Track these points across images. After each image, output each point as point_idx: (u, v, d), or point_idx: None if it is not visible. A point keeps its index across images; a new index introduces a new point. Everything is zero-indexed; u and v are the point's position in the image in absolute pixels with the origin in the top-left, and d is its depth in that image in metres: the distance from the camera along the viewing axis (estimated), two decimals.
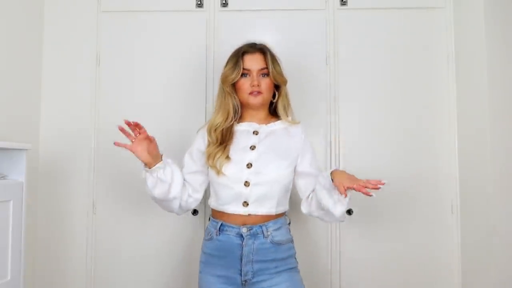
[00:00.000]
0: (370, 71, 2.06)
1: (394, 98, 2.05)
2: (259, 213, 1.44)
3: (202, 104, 2.04)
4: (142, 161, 1.45)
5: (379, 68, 2.06)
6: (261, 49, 1.52)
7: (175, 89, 2.08)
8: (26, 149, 1.63)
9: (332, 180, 1.36)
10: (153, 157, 1.46)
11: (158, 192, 1.46)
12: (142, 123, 2.04)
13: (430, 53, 2.06)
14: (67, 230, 2.05)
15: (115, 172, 2.05)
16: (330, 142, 2.04)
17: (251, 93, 1.48)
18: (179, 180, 1.48)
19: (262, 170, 1.44)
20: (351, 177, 1.33)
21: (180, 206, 1.52)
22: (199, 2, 2.10)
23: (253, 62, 1.49)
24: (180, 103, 2.07)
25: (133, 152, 1.44)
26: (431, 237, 2.00)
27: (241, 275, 1.42)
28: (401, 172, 2.02)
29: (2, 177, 1.60)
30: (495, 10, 1.87)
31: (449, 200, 2.01)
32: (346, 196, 1.31)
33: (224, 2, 2.09)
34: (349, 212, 2.00)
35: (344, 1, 2.08)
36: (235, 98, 1.51)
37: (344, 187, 1.28)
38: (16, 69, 1.90)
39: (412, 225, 2.00)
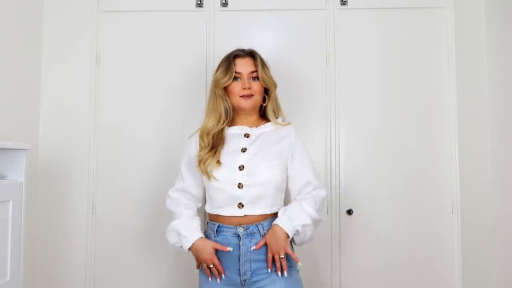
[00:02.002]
0: (370, 71, 2.06)
1: (394, 98, 2.05)
2: (255, 214, 1.45)
3: (202, 103, 2.02)
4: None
5: (379, 68, 2.06)
6: (251, 53, 1.56)
7: (175, 88, 2.08)
8: (26, 149, 1.63)
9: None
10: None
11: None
12: (142, 122, 2.06)
13: (430, 53, 2.06)
14: (67, 230, 2.05)
15: (115, 172, 2.05)
16: (330, 142, 2.04)
17: (242, 96, 1.50)
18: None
19: (254, 172, 1.45)
20: (276, 244, 1.41)
21: None
22: (199, 2, 2.10)
23: (243, 65, 1.52)
24: (180, 102, 2.07)
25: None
26: (431, 237, 2.00)
27: (240, 275, 1.43)
28: (401, 171, 2.02)
29: (2, 177, 1.59)
30: (496, 10, 1.87)
31: (449, 200, 2.01)
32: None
33: (224, 2, 2.09)
34: (349, 212, 2.00)
35: (344, 1, 2.08)
36: (227, 101, 1.53)
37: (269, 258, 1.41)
38: (16, 69, 1.90)
39: (412, 225, 2.00)
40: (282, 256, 1.40)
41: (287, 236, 1.41)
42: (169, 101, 2.07)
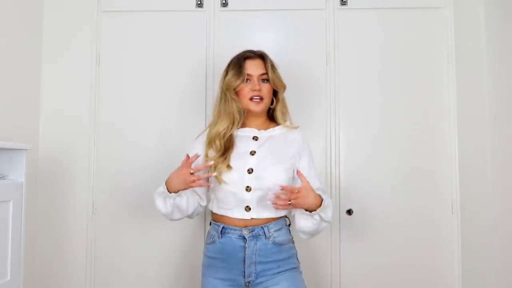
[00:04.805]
0: (370, 71, 2.06)
1: (394, 98, 2.05)
2: (261, 217, 1.45)
3: (202, 102, 2.04)
4: (178, 190, 1.43)
5: (379, 68, 2.06)
6: (261, 55, 1.55)
7: (175, 88, 2.08)
8: (26, 149, 1.63)
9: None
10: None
11: (176, 216, 1.49)
12: (142, 122, 2.06)
13: (430, 53, 2.06)
14: (67, 230, 2.05)
15: (115, 172, 2.05)
16: (330, 142, 2.04)
17: (251, 99, 1.49)
18: (193, 204, 1.51)
19: (262, 175, 1.45)
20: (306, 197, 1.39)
21: (189, 216, 1.55)
22: (199, 2, 2.10)
23: (253, 67, 1.51)
24: (180, 102, 2.07)
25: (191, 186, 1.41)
26: (431, 237, 2.00)
27: (244, 276, 1.43)
28: (401, 171, 2.02)
29: (2, 177, 1.59)
30: (495, 10, 1.87)
31: (449, 200, 2.01)
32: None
33: (224, 2, 2.09)
34: (349, 212, 2.00)
35: (344, 1, 2.08)
36: (239, 103, 1.51)
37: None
38: (16, 69, 1.90)
39: (412, 225, 2.00)
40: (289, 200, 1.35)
41: (320, 203, 1.39)
42: (169, 100, 2.07)
